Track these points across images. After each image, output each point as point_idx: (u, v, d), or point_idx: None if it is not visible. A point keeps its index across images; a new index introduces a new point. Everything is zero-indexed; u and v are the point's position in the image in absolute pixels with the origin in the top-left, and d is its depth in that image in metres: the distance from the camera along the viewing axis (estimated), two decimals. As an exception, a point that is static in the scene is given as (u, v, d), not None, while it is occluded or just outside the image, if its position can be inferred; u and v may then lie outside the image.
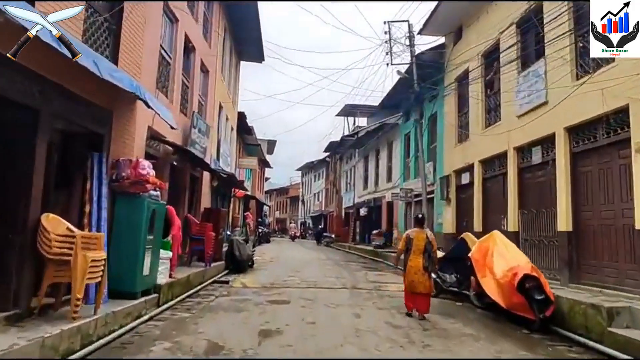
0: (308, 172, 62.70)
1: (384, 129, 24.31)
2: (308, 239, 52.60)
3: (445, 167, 15.99)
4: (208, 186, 15.27)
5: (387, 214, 24.71)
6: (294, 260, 20.57)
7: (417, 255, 8.45)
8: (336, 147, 37.04)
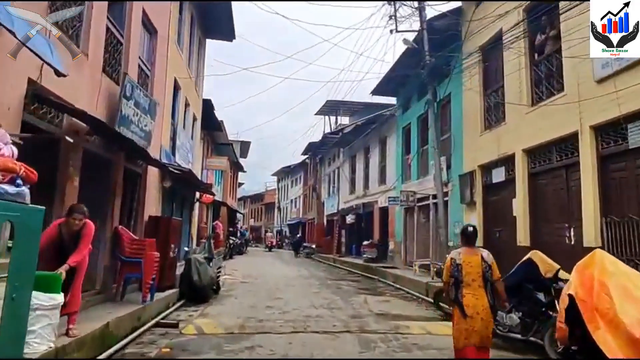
0: (284, 177, 59.06)
1: (376, 123, 20.82)
2: (285, 248, 48.88)
3: (466, 163, 12.55)
4: (157, 187, 11.42)
5: (380, 222, 21.19)
6: (272, 279, 16.82)
7: (472, 289, 5.33)
8: (316, 147, 33.46)
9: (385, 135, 20.95)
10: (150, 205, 10.65)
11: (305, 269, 22.28)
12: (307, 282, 16.32)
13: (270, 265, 23.96)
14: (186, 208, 16.76)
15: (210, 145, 28.63)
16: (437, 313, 10.46)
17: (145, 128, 9.42)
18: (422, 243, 16.45)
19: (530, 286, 7.05)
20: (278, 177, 63.30)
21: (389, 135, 20.31)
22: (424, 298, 12.46)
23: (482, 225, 11.71)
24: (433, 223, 15.01)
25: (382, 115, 20.03)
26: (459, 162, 12.84)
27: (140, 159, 9.66)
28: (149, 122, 9.57)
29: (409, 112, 17.81)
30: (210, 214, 29.95)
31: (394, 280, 15.93)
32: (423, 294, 12.84)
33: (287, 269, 22.33)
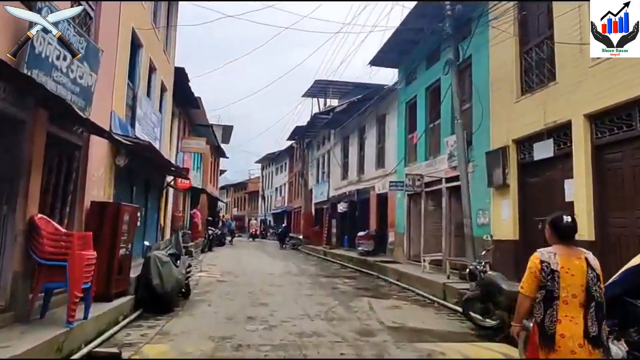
0: (269, 164, 56.56)
1: (373, 99, 18.37)
2: (269, 238, 46.50)
3: (495, 137, 10.23)
4: (106, 165, 8.86)
5: (377, 210, 18.88)
6: (255, 276, 14.41)
7: (571, 310, 3.32)
8: (304, 130, 30.96)
9: (383, 113, 18.56)
10: (94, 187, 8.09)
11: (293, 262, 19.91)
12: (297, 280, 13.96)
13: (254, 259, 21.52)
14: (154, 194, 14.20)
15: (188, 126, 25.99)
16: (465, 325, 8.22)
17: (82, 81, 6.86)
18: (431, 235, 14.17)
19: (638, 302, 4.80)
20: (262, 165, 60.77)
21: (389, 112, 17.93)
22: (441, 302, 10.21)
23: (517, 214, 9.43)
24: (446, 211, 12.73)
25: (379, 90, 17.61)
26: (484, 138, 10.52)
27: (76, 124, 7.11)
28: (87, 73, 7.01)
29: (415, 83, 15.43)
30: (188, 202, 27.38)
31: (397, 277, 13.66)
32: (439, 297, 10.58)
33: (272, 263, 19.93)
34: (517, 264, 9.21)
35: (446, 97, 12.50)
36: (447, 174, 12.67)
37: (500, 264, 9.68)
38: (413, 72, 15.50)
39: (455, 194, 12.70)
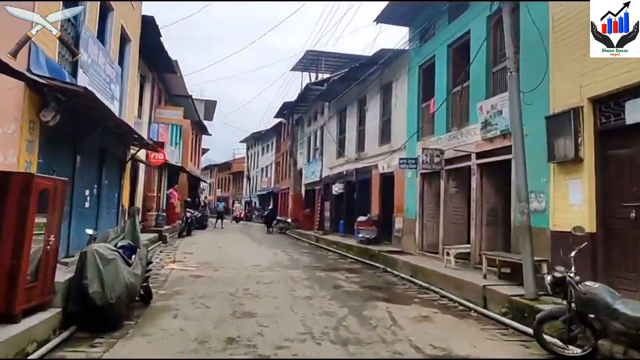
0: (255, 143, 53.80)
1: (377, 64, 15.69)
2: (254, 221, 43.98)
3: (559, 96, 7.72)
4: (22, 120, 6.16)
5: (380, 193, 16.42)
6: (239, 269, 11.89)
7: None
8: (294, 105, 28.23)
9: (389, 80, 15.97)
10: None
11: (283, 250, 17.41)
12: (289, 274, 11.47)
13: (238, 245, 18.96)
14: (112, 168, 11.50)
15: (164, 96, 23.14)
16: (533, 351, 5.85)
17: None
18: (452, 222, 11.77)
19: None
20: (247, 144, 57.98)
21: (396, 79, 15.35)
22: (483, 312, 7.83)
23: (595, 197, 7.00)
24: (476, 194, 10.31)
25: (383, 55, 14.96)
26: (540, 99, 7.99)
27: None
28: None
29: (432, 42, 12.85)
30: (165, 181, 24.64)
31: (412, 273, 11.28)
32: (476, 303, 8.21)
33: (259, 250, 17.41)
34: (594, 267, 6.84)
35: (480, 53, 9.97)
36: (479, 148, 10.21)
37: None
38: (430, 27, 12.90)
39: (488, 173, 10.26)
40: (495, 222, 10.23)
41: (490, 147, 9.78)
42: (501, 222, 10.24)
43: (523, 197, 7.31)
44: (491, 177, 10.25)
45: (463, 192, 11.80)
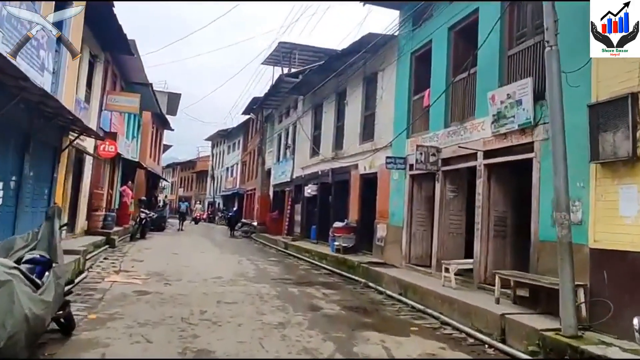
0: (221, 141, 51.46)
1: (360, 52, 13.97)
2: (217, 223, 41.72)
3: (605, 81, 6.14)
4: None
5: (360, 196, 14.71)
6: (196, 283, 9.91)
7: None
8: (264, 100, 26.28)
9: (374, 70, 14.32)
10: None
11: (248, 258, 15.47)
12: (256, 290, 9.59)
13: (197, 251, 16.88)
14: (40, 157, 9.32)
15: (120, 82, 20.81)
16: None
17: None
18: (449, 232, 10.17)
19: None
20: (213, 142, 55.52)
21: (383, 68, 13.70)
22: (503, 349, 6.21)
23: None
24: (483, 200, 8.70)
25: (369, 39, 13.26)
26: (580, 82, 6.42)
27: None
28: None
29: (429, 25, 11.25)
30: (118, 177, 22.27)
31: (401, 291, 9.62)
32: (492, 336, 6.58)
33: (221, 258, 15.41)
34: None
35: (492, 34, 8.39)
36: (488, 145, 8.62)
37: (620, 292, 5.73)
38: (425, 9, 11.29)
39: (498, 175, 8.68)
40: (504, 234, 8.67)
41: (503, 145, 8.20)
42: (511, 234, 8.69)
43: (563, 204, 5.71)
44: (501, 180, 8.69)
45: (462, 197, 10.23)
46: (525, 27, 8.22)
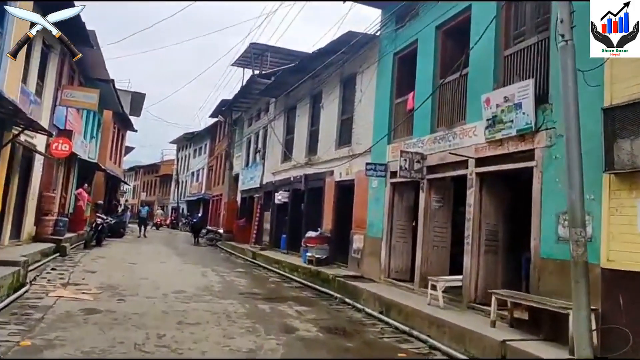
0: (187, 145, 49.90)
1: (338, 52, 13.23)
2: (181, 229, 40.14)
3: (622, 80, 5.54)
4: None
5: (335, 204, 13.91)
6: (154, 298, 8.81)
7: None
8: (233, 102, 25.23)
9: (353, 72, 13.60)
10: None
11: (214, 269, 14.39)
12: (223, 307, 8.60)
13: (158, 261, 15.66)
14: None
15: (79, 78, 19.41)
16: None
17: None
18: (434, 245, 9.45)
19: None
20: (178, 146, 53.84)
21: (362, 70, 12.99)
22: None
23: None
24: (474, 211, 8.01)
25: (348, 39, 12.52)
26: (596, 83, 5.78)
27: None
28: None
29: (414, 25, 10.59)
30: (74, 179, 20.78)
31: (382, 309, 8.82)
32: (489, 364, 5.86)
33: (184, 268, 14.27)
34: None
35: (486, 33, 7.77)
36: (480, 152, 7.96)
37: (638, 319, 5.09)
38: (410, 8, 10.64)
39: (490, 185, 8.02)
40: (495, 249, 8.00)
41: (498, 152, 7.55)
42: (503, 249, 8.03)
43: (579, 220, 5.02)
44: (493, 191, 8.03)
45: (447, 207, 9.55)
46: (524, 26, 7.62)
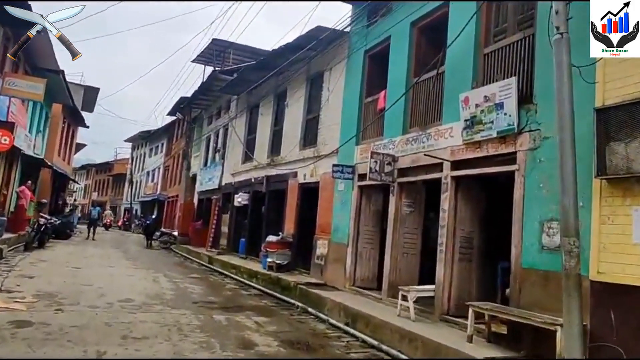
0: (142, 144, 48.08)
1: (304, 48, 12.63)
2: (134, 231, 38.48)
3: (616, 79, 5.20)
4: None
5: (298, 207, 13.25)
6: (97, 308, 7.87)
7: None
8: (192, 99, 24.19)
9: (320, 70, 13.03)
10: None
11: (166, 275, 13.44)
12: (174, 318, 7.79)
13: (104, 265, 14.52)
14: None
15: (25, 67, 18.00)
16: None
17: None
18: (404, 252, 8.96)
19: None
20: (133, 144, 51.82)
21: (331, 67, 12.44)
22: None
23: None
24: (447, 217, 7.55)
25: (316, 34, 11.97)
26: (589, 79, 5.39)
27: None
28: None
29: (387, 19, 10.13)
30: (16, 176, 19.26)
31: (347, 320, 8.25)
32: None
33: (134, 274, 13.22)
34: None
35: (465, 29, 7.35)
36: (457, 155, 7.53)
37: (633, 337, 4.70)
38: (386, 3, 10.18)
39: (466, 189, 7.59)
40: (470, 257, 7.57)
41: (476, 155, 7.13)
42: (477, 257, 7.61)
43: (572, 228, 4.61)
44: (469, 195, 7.62)
45: (418, 212, 9.10)
46: (505, 22, 7.25)
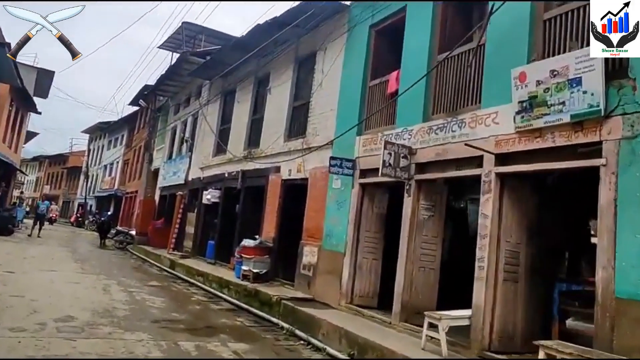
0: (100, 135, 45.07)
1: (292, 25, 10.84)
2: (87, 227, 35.63)
3: None
4: None
5: (280, 207, 11.39)
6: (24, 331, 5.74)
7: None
8: (158, 85, 21.92)
9: (312, 50, 11.26)
10: None
11: (120, 282, 11.33)
12: (127, 347, 5.84)
13: (46, 268, 12.23)
14: None
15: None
16: None
17: None
18: (421, 266, 7.29)
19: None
20: (91, 136, 48.63)
21: (325, 47, 10.69)
22: None
23: None
24: (490, 224, 5.91)
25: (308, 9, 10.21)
26: None
27: None
28: None
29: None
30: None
31: (351, 351, 6.50)
32: None
33: (80, 281, 11.01)
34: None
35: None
36: (504, 147, 5.92)
37: None
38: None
39: (515, 190, 5.98)
40: (516, 276, 5.97)
41: (535, 146, 5.53)
42: (525, 276, 6.01)
43: None
44: (516, 198, 6.01)
45: (439, 217, 7.46)
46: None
